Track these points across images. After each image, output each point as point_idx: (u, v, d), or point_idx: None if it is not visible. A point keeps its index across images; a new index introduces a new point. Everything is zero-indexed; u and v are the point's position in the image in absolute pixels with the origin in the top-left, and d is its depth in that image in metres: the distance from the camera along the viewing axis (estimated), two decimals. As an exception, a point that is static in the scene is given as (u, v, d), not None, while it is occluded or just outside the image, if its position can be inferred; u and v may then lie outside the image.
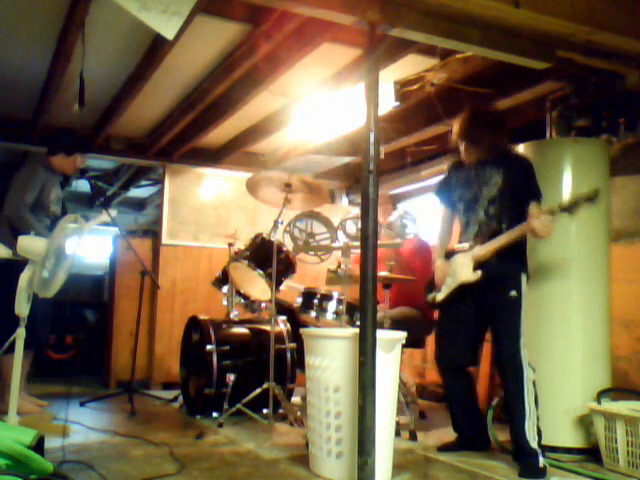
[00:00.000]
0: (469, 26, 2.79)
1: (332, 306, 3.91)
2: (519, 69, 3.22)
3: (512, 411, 2.99)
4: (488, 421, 3.33)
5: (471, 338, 3.28)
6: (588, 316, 3.35)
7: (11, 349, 2.90)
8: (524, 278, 3.08)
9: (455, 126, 3.25)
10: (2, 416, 3.06)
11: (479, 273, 3.09)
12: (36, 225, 3.79)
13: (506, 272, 3.08)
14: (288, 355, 4.19)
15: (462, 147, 3.25)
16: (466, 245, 3.21)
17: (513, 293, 3.03)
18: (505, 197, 3.11)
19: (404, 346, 2.97)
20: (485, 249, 3.08)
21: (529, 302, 3.11)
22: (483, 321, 3.22)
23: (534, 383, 2.96)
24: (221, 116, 4.61)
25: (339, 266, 3.76)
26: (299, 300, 4.04)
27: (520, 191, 3.10)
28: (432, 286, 3.39)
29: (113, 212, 4.29)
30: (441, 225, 3.47)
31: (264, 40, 3.40)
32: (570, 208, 2.89)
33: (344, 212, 4.26)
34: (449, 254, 3.32)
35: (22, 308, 2.88)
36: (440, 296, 3.32)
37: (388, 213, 4.71)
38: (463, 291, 3.20)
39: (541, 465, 2.86)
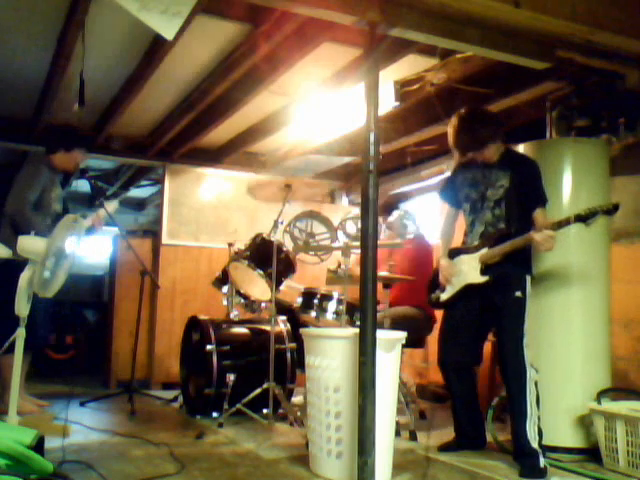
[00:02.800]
0: (469, 26, 2.79)
1: (332, 306, 3.91)
2: (519, 69, 3.22)
3: (514, 411, 2.99)
4: (488, 421, 3.34)
5: (475, 337, 3.29)
6: (588, 316, 3.35)
7: (11, 349, 2.90)
8: (529, 279, 3.10)
9: (450, 127, 3.25)
10: (2, 416, 3.06)
11: (487, 277, 3.10)
12: (38, 223, 3.79)
13: (512, 273, 3.09)
14: (288, 355, 4.19)
15: (459, 146, 3.25)
16: (472, 245, 3.22)
17: (518, 294, 3.04)
18: (511, 199, 3.12)
19: (404, 346, 2.97)
20: (493, 252, 3.09)
21: (531, 302, 3.12)
22: (487, 320, 3.23)
23: (536, 383, 2.97)
24: (221, 116, 4.60)
25: (339, 266, 3.76)
26: (299, 300, 4.04)
27: (526, 194, 3.11)
28: (435, 285, 3.39)
29: (114, 204, 4.30)
30: (444, 224, 3.48)
31: (264, 40, 3.39)
32: (586, 218, 2.88)
33: (344, 212, 4.26)
34: (453, 253, 3.32)
35: (22, 308, 2.88)
36: (444, 296, 3.33)
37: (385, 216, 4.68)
38: (468, 291, 3.20)
39: (542, 465, 2.86)
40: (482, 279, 3.13)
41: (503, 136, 3.24)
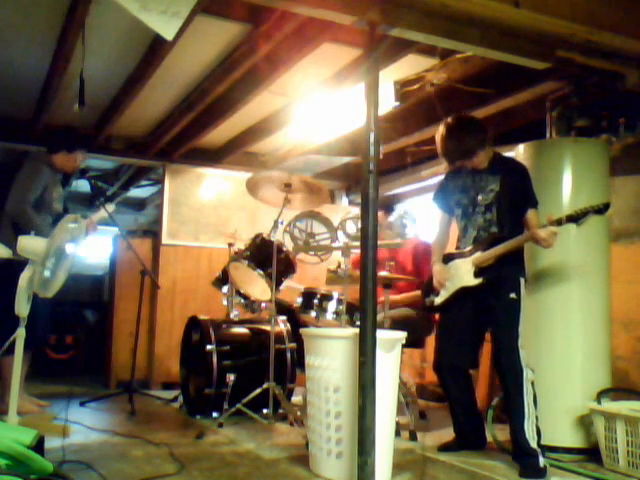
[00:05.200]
0: (469, 26, 2.79)
1: (332, 306, 3.91)
2: (519, 69, 3.22)
3: (511, 411, 3.00)
4: (488, 421, 3.34)
5: (471, 340, 3.30)
6: (588, 316, 3.35)
7: (11, 349, 2.90)
8: (522, 281, 3.11)
9: (438, 135, 3.25)
10: (2, 416, 3.06)
11: (481, 279, 3.11)
12: (38, 221, 3.79)
13: (506, 275, 3.10)
14: (288, 355, 4.19)
15: (447, 153, 3.25)
16: (465, 249, 3.23)
17: (513, 295, 3.05)
18: (502, 203, 3.14)
19: (404, 346, 2.97)
20: (487, 255, 3.10)
21: (530, 302, 3.14)
22: (482, 323, 3.24)
23: (533, 383, 2.97)
24: (221, 116, 4.61)
25: (339, 266, 3.76)
26: (299, 300, 4.04)
27: (517, 197, 3.13)
28: (430, 290, 3.40)
29: (111, 207, 4.31)
30: (438, 229, 3.50)
31: (264, 40, 3.40)
32: (577, 219, 2.89)
33: (344, 212, 4.25)
34: (447, 258, 3.34)
35: (22, 308, 2.88)
36: (438, 300, 3.34)
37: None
38: (462, 294, 3.21)
39: (541, 465, 2.86)
40: (476, 282, 3.14)
41: (491, 141, 3.25)
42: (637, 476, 2.86)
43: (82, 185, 6.39)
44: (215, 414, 3.95)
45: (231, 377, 3.89)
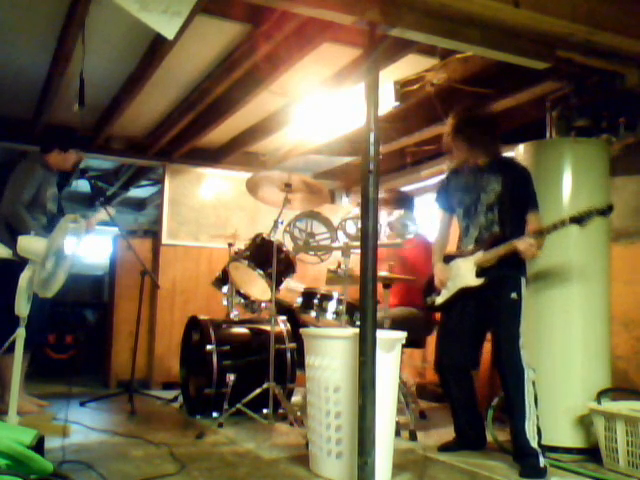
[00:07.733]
0: (469, 26, 2.79)
1: (332, 306, 3.91)
2: (519, 69, 3.22)
3: (512, 411, 3.00)
4: (488, 421, 3.34)
5: (472, 340, 3.30)
6: (588, 316, 3.35)
7: (11, 349, 2.90)
8: (523, 281, 3.11)
9: (448, 126, 3.26)
10: (2, 416, 3.06)
11: (482, 279, 3.11)
12: (31, 222, 3.79)
13: (507, 275, 3.10)
14: (288, 355, 4.19)
15: (455, 146, 3.26)
16: (467, 249, 3.23)
17: (514, 295, 3.06)
18: (504, 204, 3.14)
19: (404, 346, 2.97)
20: (489, 255, 3.10)
21: (530, 302, 3.13)
22: (484, 323, 3.24)
23: (534, 383, 2.97)
24: (221, 116, 4.61)
25: (339, 266, 3.76)
26: (299, 300, 4.04)
27: (518, 198, 3.13)
28: (430, 289, 3.40)
29: (112, 211, 4.31)
30: (439, 229, 3.50)
31: (264, 40, 3.40)
32: (581, 220, 2.89)
33: (344, 212, 4.25)
34: (448, 258, 3.34)
35: (22, 308, 2.88)
36: (440, 299, 3.34)
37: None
38: (464, 294, 3.21)
39: (542, 465, 2.86)
40: (477, 282, 3.15)
41: (499, 140, 3.25)
42: (637, 476, 2.86)
43: (82, 185, 6.40)
44: (215, 414, 3.95)
45: (231, 377, 3.89)
